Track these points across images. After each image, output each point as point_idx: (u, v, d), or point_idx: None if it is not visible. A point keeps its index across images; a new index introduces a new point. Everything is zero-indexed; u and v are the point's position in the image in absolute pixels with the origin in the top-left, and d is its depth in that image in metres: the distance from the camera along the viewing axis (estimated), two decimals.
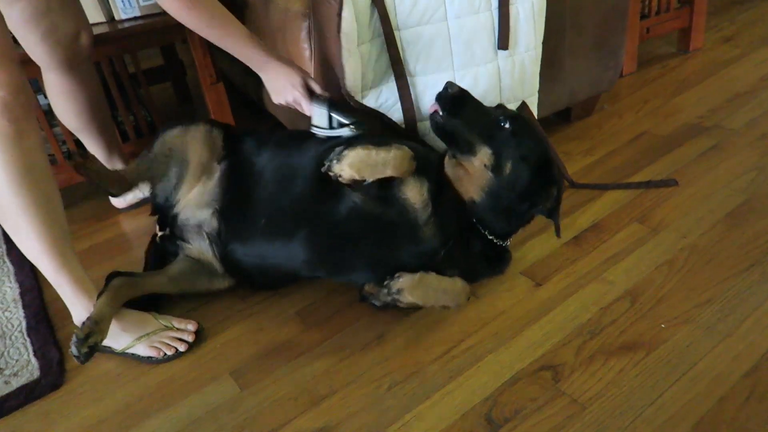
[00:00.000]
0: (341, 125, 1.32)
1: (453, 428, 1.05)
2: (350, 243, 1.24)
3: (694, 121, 1.94)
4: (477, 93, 1.50)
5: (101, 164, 1.49)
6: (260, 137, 1.44)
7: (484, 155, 1.23)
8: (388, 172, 1.18)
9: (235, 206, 1.35)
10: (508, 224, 1.30)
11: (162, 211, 1.44)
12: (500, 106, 1.33)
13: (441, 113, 1.25)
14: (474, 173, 1.24)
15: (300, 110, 1.40)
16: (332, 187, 1.23)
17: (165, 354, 1.27)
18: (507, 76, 1.53)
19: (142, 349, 1.28)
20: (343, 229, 1.24)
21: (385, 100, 1.47)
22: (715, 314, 1.21)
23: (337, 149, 1.19)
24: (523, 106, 1.60)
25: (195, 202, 1.39)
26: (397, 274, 1.18)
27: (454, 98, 1.24)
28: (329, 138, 1.34)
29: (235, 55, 1.38)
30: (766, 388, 1.04)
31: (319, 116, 1.35)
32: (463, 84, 1.48)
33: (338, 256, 1.26)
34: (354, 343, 1.27)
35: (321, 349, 1.27)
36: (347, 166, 1.14)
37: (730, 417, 1.00)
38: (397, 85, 1.45)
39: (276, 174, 1.35)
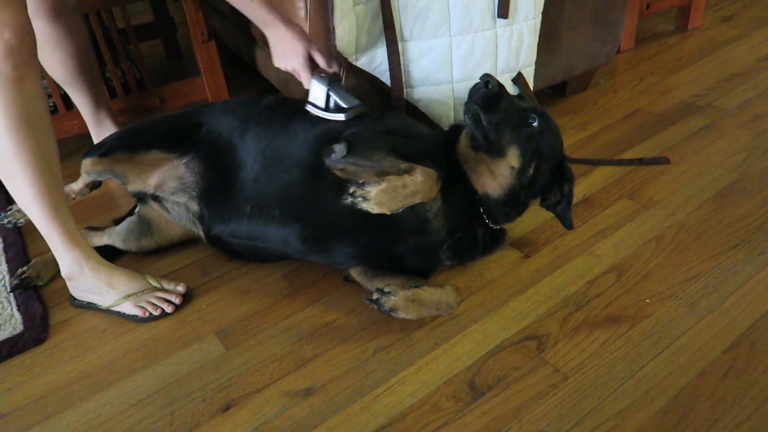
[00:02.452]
0: (339, 109, 1.24)
1: (436, 393, 1.06)
2: (351, 235, 1.22)
3: (689, 99, 1.94)
4: (473, 61, 1.49)
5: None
6: (239, 113, 1.37)
7: (513, 158, 1.18)
8: (417, 200, 1.11)
9: (216, 191, 1.31)
10: (515, 215, 1.29)
11: (140, 194, 1.42)
12: (522, 97, 1.28)
13: (477, 109, 1.16)
14: (497, 173, 1.20)
15: (300, 80, 1.33)
16: (330, 180, 1.19)
17: (150, 314, 1.27)
18: (504, 45, 1.51)
19: (127, 307, 1.27)
20: (344, 222, 1.20)
21: (379, 63, 1.44)
22: (700, 291, 1.22)
23: (355, 182, 1.09)
24: (519, 76, 1.59)
25: (169, 189, 1.36)
26: (387, 289, 1.12)
27: (492, 96, 1.16)
28: (321, 119, 1.27)
29: (240, 10, 1.31)
30: (745, 364, 1.06)
31: (317, 93, 1.27)
32: (460, 51, 1.46)
33: (335, 247, 1.24)
34: (340, 307, 1.27)
35: (307, 312, 1.27)
36: (375, 206, 1.06)
37: (709, 390, 1.02)
38: (387, 51, 1.42)
39: (260, 157, 1.29)
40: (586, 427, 0.98)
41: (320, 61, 1.31)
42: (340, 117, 1.25)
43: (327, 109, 1.26)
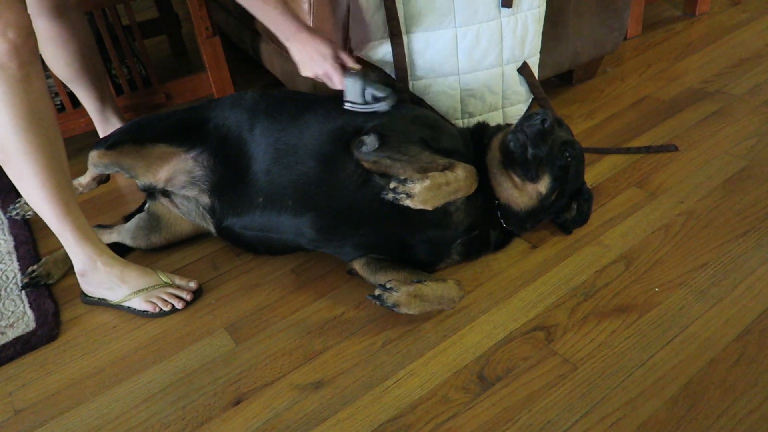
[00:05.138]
0: (376, 99, 1.26)
1: (446, 385, 1.07)
2: (368, 224, 1.23)
3: (698, 86, 1.92)
4: (478, 52, 1.48)
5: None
6: (248, 106, 1.36)
7: (542, 186, 1.23)
8: (459, 197, 1.15)
9: (227, 184, 1.32)
10: (530, 227, 1.33)
11: (149, 188, 1.42)
12: (560, 123, 1.31)
13: (527, 143, 1.19)
14: (524, 193, 1.25)
15: (330, 84, 1.32)
16: (350, 170, 1.20)
17: (161, 309, 1.28)
18: (509, 35, 1.50)
19: (137, 303, 1.28)
20: (363, 212, 1.21)
21: (383, 55, 1.44)
22: (709, 279, 1.21)
23: (396, 179, 1.11)
24: (524, 66, 1.58)
25: (179, 184, 1.36)
26: (389, 285, 1.13)
27: (545, 132, 1.19)
28: (363, 113, 1.28)
29: (263, 21, 1.32)
30: (756, 352, 1.05)
31: (352, 91, 1.28)
32: (465, 42, 1.45)
33: (350, 236, 1.25)
34: (349, 300, 1.27)
35: (316, 306, 1.27)
36: (419, 203, 1.10)
37: (720, 379, 1.02)
38: (390, 43, 1.42)
39: (272, 150, 1.29)
40: (596, 417, 0.98)
41: (348, 60, 1.31)
42: (383, 106, 1.26)
43: (366, 103, 1.28)
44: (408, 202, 1.10)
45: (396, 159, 1.15)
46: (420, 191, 1.10)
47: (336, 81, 1.30)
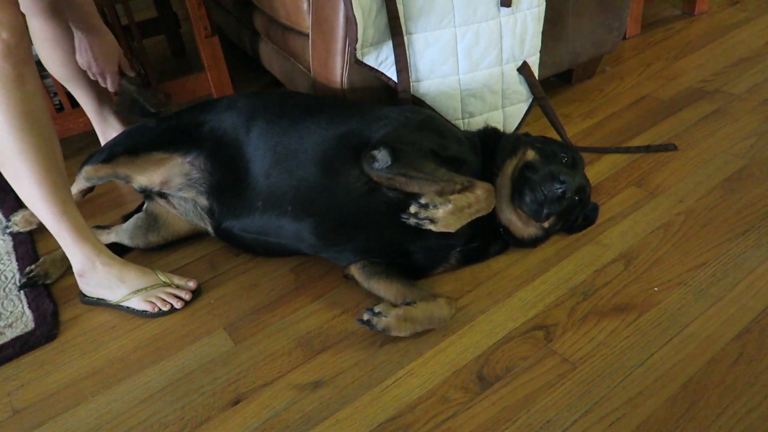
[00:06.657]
0: (143, 114, 1.35)
1: (445, 385, 1.07)
2: (370, 231, 1.22)
3: (697, 85, 1.92)
4: (478, 51, 1.48)
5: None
6: (244, 109, 1.34)
7: (547, 224, 1.28)
8: (480, 215, 1.16)
9: (226, 186, 1.31)
10: (530, 247, 1.35)
11: (145, 190, 1.41)
12: (576, 163, 1.31)
13: (544, 203, 1.20)
14: (528, 226, 1.28)
15: (102, 84, 1.50)
16: (353, 177, 1.20)
17: (160, 309, 1.28)
18: (508, 34, 1.50)
19: (136, 303, 1.28)
20: (366, 220, 1.21)
21: (385, 57, 1.43)
22: (708, 278, 1.21)
23: (418, 202, 1.11)
24: (524, 66, 1.58)
25: (176, 186, 1.35)
26: (377, 309, 1.12)
27: (564, 198, 1.20)
28: (337, 116, 1.31)
29: (70, 10, 1.43)
30: (755, 351, 1.05)
31: (122, 97, 1.40)
32: (464, 42, 1.45)
33: (351, 241, 1.24)
34: (347, 300, 1.27)
35: (315, 305, 1.27)
36: (443, 227, 1.11)
37: (719, 378, 1.02)
38: (392, 43, 1.41)
39: (270, 153, 1.27)
40: (595, 417, 0.98)
41: (126, 68, 1.50)
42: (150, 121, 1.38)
43: (131, 112, 1.40)
44: (431, 227, 1.10)
45: (412, 177, 1.14)
46: (443, 216, 1.10)
47: (109, 83, 1.51)
